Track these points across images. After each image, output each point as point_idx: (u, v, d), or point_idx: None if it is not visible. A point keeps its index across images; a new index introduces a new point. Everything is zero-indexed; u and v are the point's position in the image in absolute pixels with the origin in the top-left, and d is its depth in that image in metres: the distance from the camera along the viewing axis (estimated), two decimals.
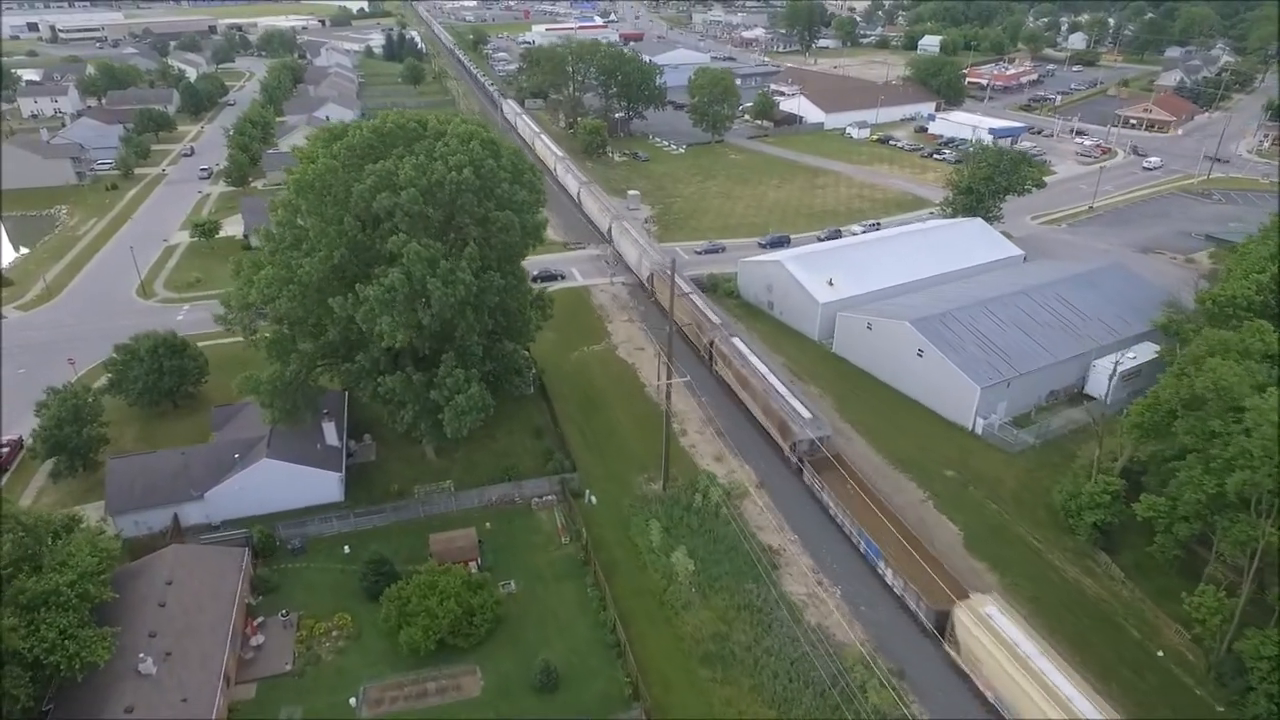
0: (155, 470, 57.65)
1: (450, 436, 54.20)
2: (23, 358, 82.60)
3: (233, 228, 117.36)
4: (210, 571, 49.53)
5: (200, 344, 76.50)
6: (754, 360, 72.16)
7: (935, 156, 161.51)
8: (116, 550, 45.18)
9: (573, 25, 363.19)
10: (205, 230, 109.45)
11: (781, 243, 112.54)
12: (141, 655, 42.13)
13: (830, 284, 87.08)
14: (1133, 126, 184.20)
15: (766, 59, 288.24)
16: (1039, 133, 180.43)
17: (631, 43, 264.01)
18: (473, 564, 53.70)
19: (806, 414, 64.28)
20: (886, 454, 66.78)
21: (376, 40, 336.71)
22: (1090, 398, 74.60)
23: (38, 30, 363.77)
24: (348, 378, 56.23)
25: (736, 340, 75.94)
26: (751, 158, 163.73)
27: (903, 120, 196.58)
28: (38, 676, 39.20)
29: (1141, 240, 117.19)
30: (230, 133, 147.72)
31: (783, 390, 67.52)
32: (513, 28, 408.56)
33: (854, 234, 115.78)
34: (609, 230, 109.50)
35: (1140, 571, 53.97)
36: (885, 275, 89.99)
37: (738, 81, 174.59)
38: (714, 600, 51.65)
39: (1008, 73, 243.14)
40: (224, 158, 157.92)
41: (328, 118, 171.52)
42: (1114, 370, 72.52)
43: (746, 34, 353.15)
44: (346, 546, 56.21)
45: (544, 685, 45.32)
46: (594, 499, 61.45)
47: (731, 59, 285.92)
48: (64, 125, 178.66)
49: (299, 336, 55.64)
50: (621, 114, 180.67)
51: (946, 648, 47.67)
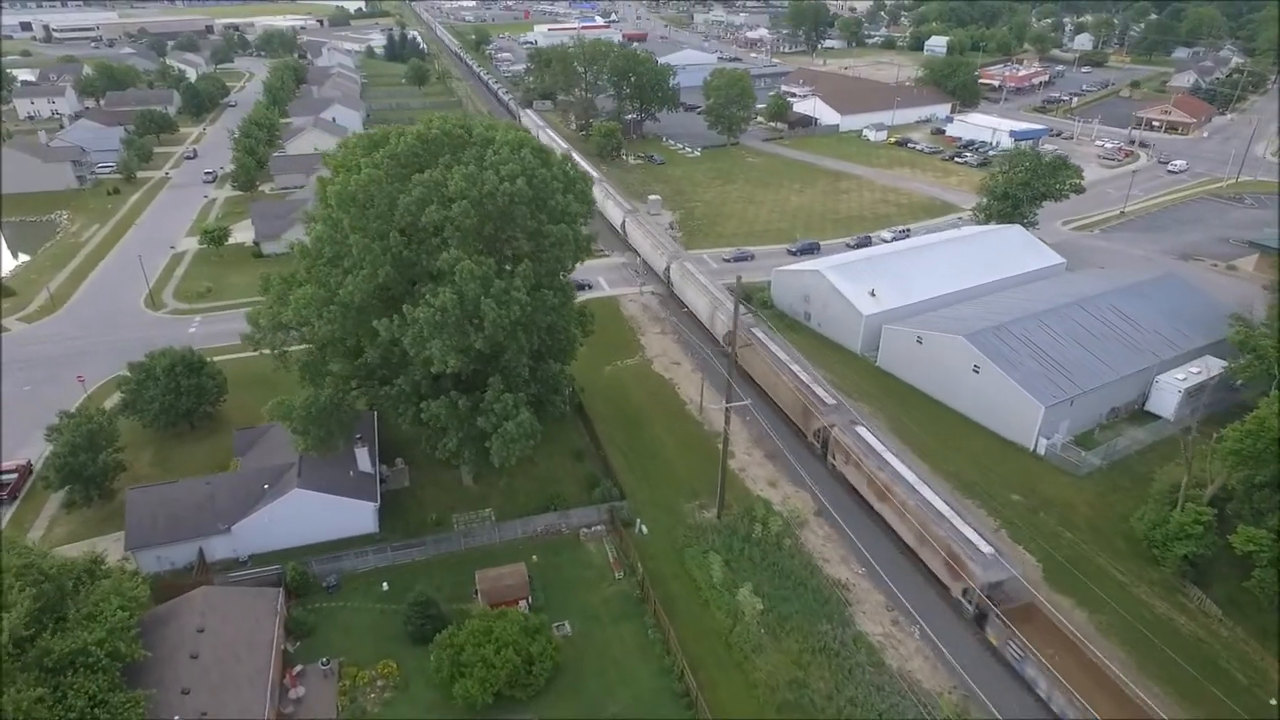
0: (178, 501, 53.75)
1: (498, 466, 50.41)
2: (28, 374, 78.49)
3: (242, 234, 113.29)
4: (244, 616, 45.69)
5: (215, 359, 72.59)
6: (899, 466, 57.35)
7: (957, 160, 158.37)
8: (145, 598, 41.28)
9: (575, 25, 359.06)
10: (215, 237, 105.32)
11: (811, 249, 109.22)
12: (176, 718, 38.30)
13: (872, 294, 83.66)
14: (1154, 128, 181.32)
15: (776, 60, 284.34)
16: (1058, 135, 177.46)
17: (635, 43, 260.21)
18: (523, 603, 50.02)
19: (986, 549, 49.77)
20: (947, 477, 63.25)
21: (376, 40, 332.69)
22: (1153, 415, 71.41)
23: (31, 30, 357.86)
24: (386, 402, 52.42)
25: (864, 432, 61.07)
26: (769, 161, 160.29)
27: (918, 122, 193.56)
28: None
29: (1178, 246, 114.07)
30: (235, 135, 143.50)
31: (948, 513, 52.81)
32: (513, 27, 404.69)
33: (884, 240, 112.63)
34: (666, 272, 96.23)
35: (1236, 608, 50.61)
36: (927, 285, 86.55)
37: None
38: (786, 642, 48.04)
39: (1019, 74, 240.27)
40: (229, 160, 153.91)
41: (334, 119, 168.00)
42: (1181, 387, 69.79)
43: (750, 34, 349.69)
44: (385, 583, 52.39)
45: None
46: (644, 528, 57.79)
47: (737, 59, 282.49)
48: (62, 127, 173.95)
49: (332, 358, 51.91)
50: (634, 116, 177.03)
51: None
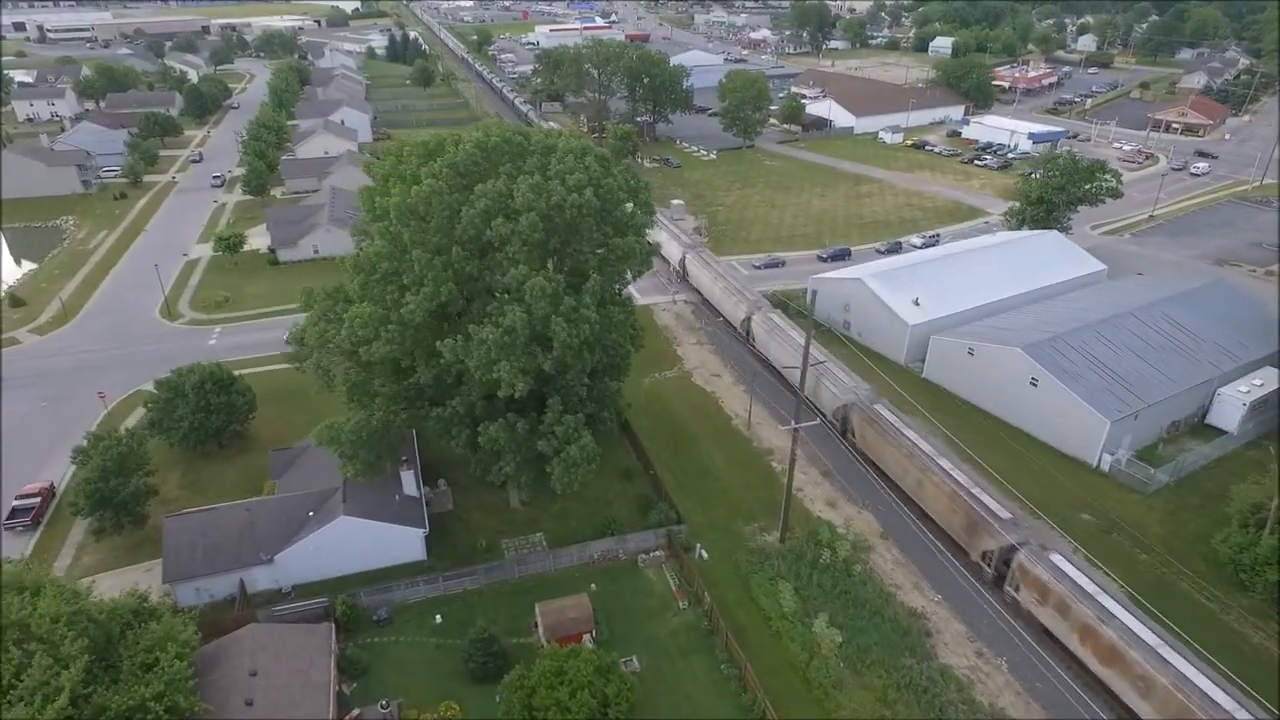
0: (217, 529, 50.86)
1: (560, 492, 47.76)
2: (44, 388, 75.33)
3: (256, 239, 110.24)
4: (297, 655, 42.88)
5: (238, 373, 69.53)
6: (1132, 622, 43.87)
7: (976, 163, 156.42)
8: (195, 642, 38.41)
9: (577, 26, 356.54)
10: (229, 244, 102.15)
11: (842, 256, 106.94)
12: None
13: (916, 304, 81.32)
14: (1174, 130, 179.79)
15: (784, 62, 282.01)
16: (1074, 137, 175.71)
17: (638, 44, 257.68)
18: (587, 637, 47.38)
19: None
20: (1013, 495, 60.85)
21: (376, 41, 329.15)
22: (1215, 429, 69.29)
23: (25, 30, 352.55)
24: (437, 424, 49.61)
25: (1062, 561, 48.18)
26: (786, 163, 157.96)
27: (932, 124, 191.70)
28: None
29: (1211, 251, 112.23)
30: (243, 138, 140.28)
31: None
32: (512, 28, 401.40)
33: (914, 246, 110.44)
34: (745, 323, 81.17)
35: None
36: (969, 294, 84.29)
37: None
38: (868, 677, 45.54)
39: (1029, 75, 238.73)
40: (236, 163, 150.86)
41: (343, 121, 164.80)
42: (1245, 400, 67.71)
43: (754, 35, 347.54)
44: (438, 615, 49.64)
45: None
46: (704, 553, 55.19)
47: (743, 60, 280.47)
48: (63, 130, 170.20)
49: (380, 378, 49.14)
50: (647, 118, 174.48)
51: None
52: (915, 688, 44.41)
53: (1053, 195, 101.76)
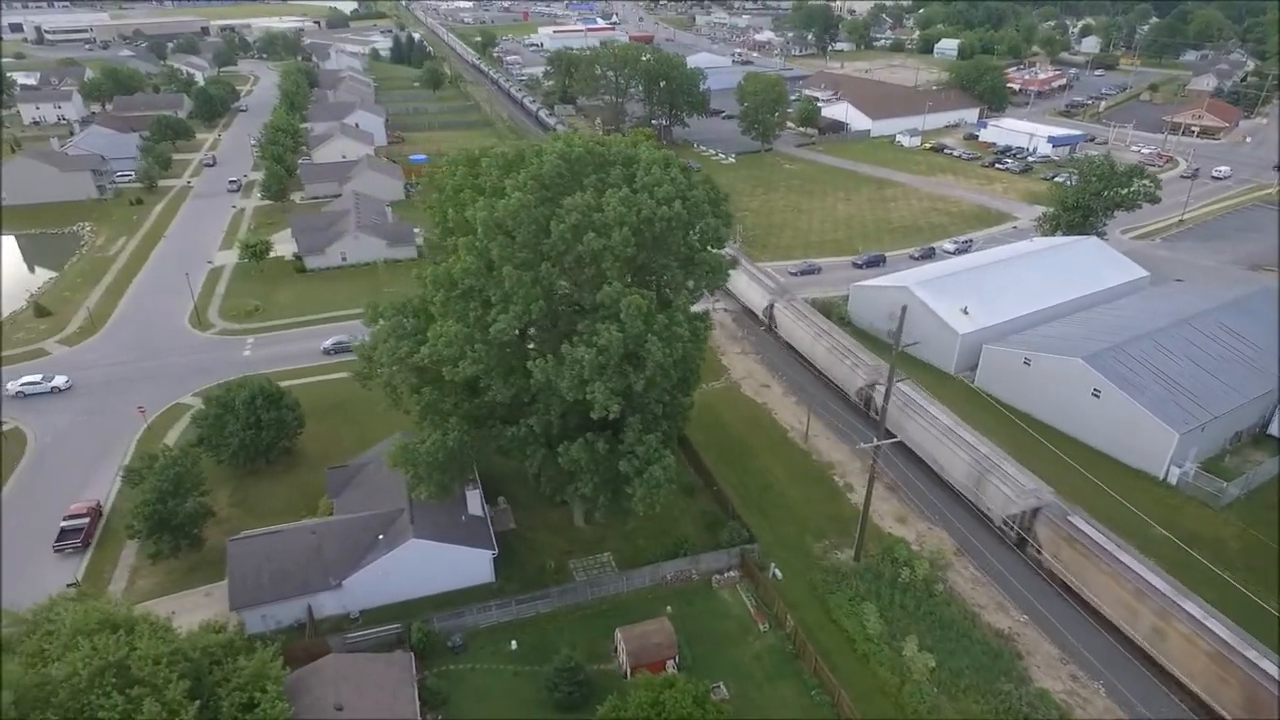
0: (282, 553, 49.18)
1: (641, 513, 46.35)
2: (80, 401, 73.40)
3: (280, 246, 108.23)
4: (380, 687, 41.28)
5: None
6: None
7: (998, 166, 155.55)
8: (284, 678, 36.78)
9: (580, 28, 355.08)
10: (255, 251, 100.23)
11: (877, 262, 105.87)
12: None
13: (965, 312, 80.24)
14: (1191, 133, 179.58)
15: (791, 64, 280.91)
16: (1091, 140, 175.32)
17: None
18: (670, 663, 45.95)
19: None
20: (1084, 508, 59.70)
21: (378, 42, 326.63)
22: (1277, 440, 68.39)
23: (22, 31, 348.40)
24: (511, 444, 48.08)
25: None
26: (806, 167, 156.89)
27: (947, 127, 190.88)
28: None
29: (1243, 255, 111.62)
30: (259, 142, 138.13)
31: None
32: (513, 29, 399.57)
33: (946, 252, 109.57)
34: (862, 390, 69.36)
35: None
36: (1017, 302, 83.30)
37: None
38: (964, 703, 44.27)
39: (1039, 78, 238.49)
40: (250, 167, 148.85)
41: (357, 125, 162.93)
42: None
43: (758, 37, 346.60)
44: (513, 641, 48.13)
45: None
46: (779, 573, 53.84)
47: (750, 62, 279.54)
48: (72, 133, 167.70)
49: (452, 397, 47.60)
50: (663, 121, 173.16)
51: None
52: (1016, 714, 43.15)
53: (1090, 200, 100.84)
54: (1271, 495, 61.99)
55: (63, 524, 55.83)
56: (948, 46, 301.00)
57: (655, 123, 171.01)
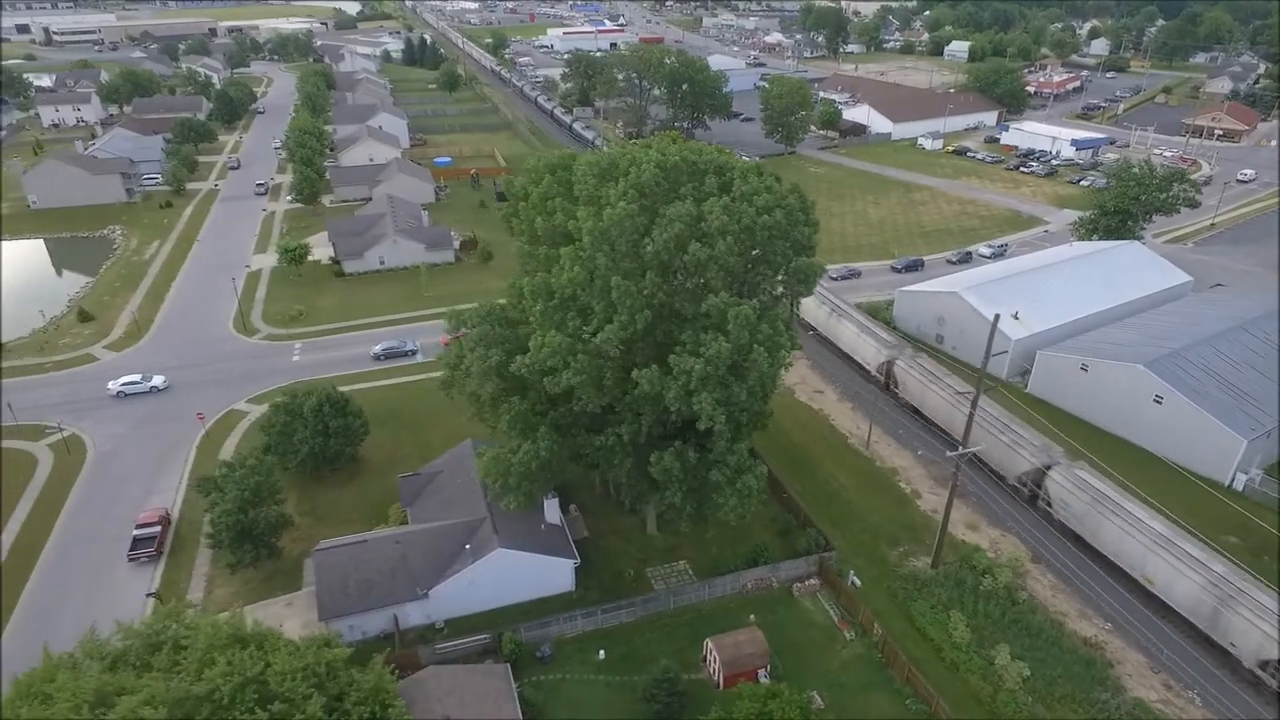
0: (368, 563, 48.96)
1: (733, 523, 46.23)
2: (135, 408, 73.02)
3: (317, 250, 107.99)
4: (482, 699, 41.05)
5: None
6: None
7: (1022, 169, 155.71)
8: (397, 690, 36.53)
9: (590, 29, 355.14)
10: (294, 256, 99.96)
11: (915, 266, 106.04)
12: None
13: (1016, 318, 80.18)
14: (1212, 136, 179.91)
15: (806, 67, 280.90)
16: (1112, 143, 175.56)
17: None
18: (762, 672, 45.86)
19: None
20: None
21: (387, 44, 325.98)
22: None
23: (30, 32, 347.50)
24: (598, 454, 47.93)
25: None
26: (832, 170, 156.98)
27: (967, 130, 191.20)
28: None
29: (1275, 260, 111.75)
30: (287, 144, 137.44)
31: None
32: (520, 30, 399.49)
33: (983, 256, 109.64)
34: (1034, 479, 60.50)
35: None
36: (1065, 307, 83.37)
37: None
38: (1060, 712, 44.16)
39: (1055, 80, 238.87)
40: (275, 170, 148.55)
41: (381, 127, 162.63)
42: None
43: (768, 39, 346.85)
44: (601, 651, 47.98)
45: None
46: (858, 580, 53.74)
47: (762, 64, 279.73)
48: (93, 136, 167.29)
49: (539, 406, 47.46)
50: (686, 124, 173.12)
51: None
52: None
53: (1130, 205, 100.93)
54: None
55: (135, 532, 55.60)
56: (958, 49, 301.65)
57: (677, 125, 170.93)
